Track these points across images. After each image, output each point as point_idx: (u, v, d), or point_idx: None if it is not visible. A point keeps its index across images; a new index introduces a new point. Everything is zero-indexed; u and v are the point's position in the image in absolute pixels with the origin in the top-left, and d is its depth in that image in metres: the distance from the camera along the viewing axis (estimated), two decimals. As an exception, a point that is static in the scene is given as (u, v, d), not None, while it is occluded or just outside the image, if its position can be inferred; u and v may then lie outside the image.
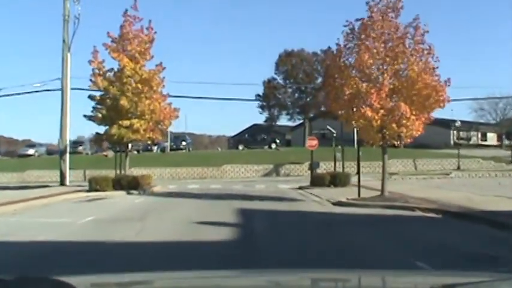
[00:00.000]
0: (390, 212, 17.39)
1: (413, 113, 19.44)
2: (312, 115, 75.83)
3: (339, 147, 38.58)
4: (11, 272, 1.94)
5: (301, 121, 77.08)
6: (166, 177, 47.16)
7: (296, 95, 76.70)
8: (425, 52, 19.82)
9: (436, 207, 17.76)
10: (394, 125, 19.57)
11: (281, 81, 76.36)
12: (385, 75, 19.62)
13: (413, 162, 49.31)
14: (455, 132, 76.12)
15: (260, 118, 78.75)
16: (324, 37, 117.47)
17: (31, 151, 57.98)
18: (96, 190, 26.17)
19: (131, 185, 27.32)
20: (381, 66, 20.04)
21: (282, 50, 77.29)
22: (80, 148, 55.84)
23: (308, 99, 75.34)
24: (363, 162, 47.16)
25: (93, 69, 29.42)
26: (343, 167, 35.14)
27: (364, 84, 19.74)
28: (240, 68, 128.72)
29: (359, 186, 21.39)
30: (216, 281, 3.30)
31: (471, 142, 75.46)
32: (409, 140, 20.79)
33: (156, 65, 30.07)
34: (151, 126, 29.14)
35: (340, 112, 21.02)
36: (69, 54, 35.45)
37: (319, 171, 49.64)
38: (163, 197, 24.44)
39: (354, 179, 31.26)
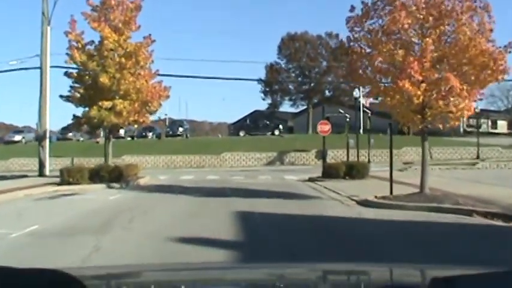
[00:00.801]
0: (442, 218, 12.58)
1: (464, 87, 14.61)
2: (315, 101, 71.01)
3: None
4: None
5: (304, 107, 72.27)
6: (161, 165, 42.50)
7: (299, 79, 71.77)
8: (480, 9, 14.95)
9: (499, 211, 13.02)
10: (440, 103, 14.75)
11: (284, 66, 71.45)
12: (428, 39, 14.73)
13: (429, 150, 44.31)
14: (465, 119, 71.45)
15: (261, 104, 74.07)
16: (329, 19, 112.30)
17: (18, 137, 52.77)
18: (69, 183, 21.35)
19: (113, 176, 22.54)
20: (420, 31, 15.17)
21: (284, 33, 72.16)
22: (70, 134, 50.88)
23: (312, 84, 70.43)
24: (374, 151, 42.78)
25: (69, 41, 24.57)
26: (357, 156, 30.28)
27: (400, 51, 14.91)
28: (241, 50, 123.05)
29: (391, 180, 16.56)
30: (217, 273, 3.27)
31: (481, 130, 71.27)
32: (457, 123, 16.03)
33: (144, 37, 25.23)
34: (137, 107, 24.31)
35: (368, 87, 16.24)
36: (49, 28, 30.47)
37: (327, 160, 44.92)
38: (148, 192, 19.65)
39: (372, 169, 26.59)
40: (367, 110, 48.87)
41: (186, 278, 2.98)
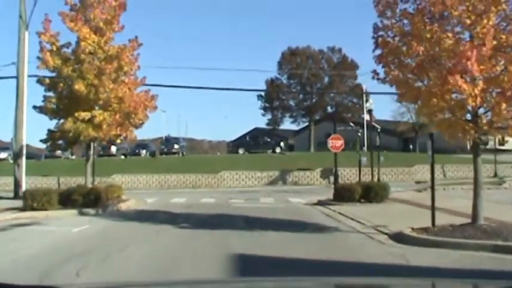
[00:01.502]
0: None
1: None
2: (317, 118, 67.23)
3: (362, 150, 29.93)
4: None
5: (305, 124, 68.44)
6: (154, 185, 38.52)
7: (301, 96, 67.97)
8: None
9: None
10: (503, 106, 10.85)
11: (285, 81, 67.78)
12: (485, 21, 10.90)
13: (442, 168, 40.46)
14: (471, 136, 67.65)
15: (261, 123, 70.26)
16: (332, 33, 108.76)
17: (3, 155, 48.50)
18: (33, 209, 17.34)
19: (88, 200, 18.57)
20: (472, 13, 11.34)
21: (285, 47, 68.67)
22: (59, 152, 46.77)
23: (314, 101, 66.71)
24: (383, 169, 38.81)
25: (40, 43, 20.78)
26: (372, 175, 26.34)
27: (449, 34, 11.09)
28: (241, 65, 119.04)
29: (433, 207, 12.51)
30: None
31: (488, 146, 67.46)
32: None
33: (130, 40, 21.47)
34: (119, 119, 20.43)
35: (401, 90, 12.37)
36: (26, 33, 26.64)
37: (332, 180, 40.98)
38: (125, 221, 15.64)
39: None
40: (376, 125, 45.11)
41: None
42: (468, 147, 66.29)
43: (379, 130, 40.67)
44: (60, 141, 21.76)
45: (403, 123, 62.06)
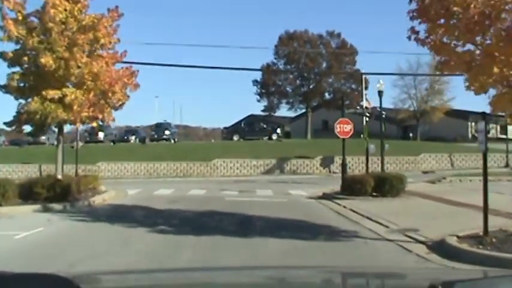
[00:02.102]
0: None
1: None
2: (315, 104, 64.10)
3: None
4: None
5: (302, 111, 65.30)
6: (142, 173, 35.43)
7: (298, 81, 64.67)
8: None
9: None
10: None
11: (281, 66, 64.37)
12: None
13: (450, 157, 37.51)
14: (473, 124, 64.83)
15: (257, 109, 67.02)
16: (330, 17, 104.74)
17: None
18: (-15, 204, 14.16)
19: (54, 194, 15.44)
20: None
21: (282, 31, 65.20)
22: (43, 138, 43.50)
23: (311, 87, 63.45)
24: (387, 158, 35.79)
25: (1, 9, 17.51)
26: (382, 165, 23.27)
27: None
28: (236, 50, 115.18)
29: (486, 209, 9.40)
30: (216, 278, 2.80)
31: (489, 135, 64.64)
32: None
33: (109, 9, 18.27)
34: (93, 98, 17.25)
35: (445, 55, 9.24)
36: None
37: (334, 168, 37.89)
38: (93, 222, 12.49)
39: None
40: (379, 111, 42.00)
41: (186, 282, 2.72)
42: (470, 136, 63.34)
43: (384, 115, 37.61)
44: (27, 125, 18.54)
45: (403, 111, 58.95)
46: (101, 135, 43.82)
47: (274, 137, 46.01)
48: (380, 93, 22.15)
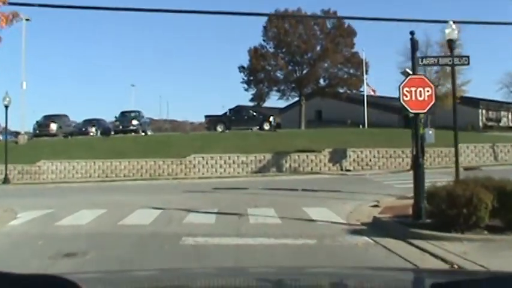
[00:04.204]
0: None
1: None
2: (309, 91, 54.71)
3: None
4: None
5: (294, 100, 55.95)
6: (97, 174, 25.91)
7: (289, 67, 54.97)
8: None
9: None
10: None
11: (271, 50, 54.72)
12: None
13: (493, 149, 28.15)
14: (484, 112, 56.01)
15: (245, 99, 57.46)
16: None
17: None
18: None
19: None
20: None
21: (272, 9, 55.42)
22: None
23: (304, 72, 53.92)
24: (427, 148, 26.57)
25: None
26: (456, 165, 13.73)
27: None
28: (220, 33, 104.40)
29: None
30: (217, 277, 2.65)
31: (501, 124, 56.27)
32: None
33: None
34: None
35: None
36: None
37: (346, 165, 28.52)
38: None
39: None
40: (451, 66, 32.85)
41: (186, 282, 2.61)
42: (481, 124, 53.85)
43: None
44: None
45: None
46: (53, 127, 33.95)
47: (267, 127, 36.33)
48: (450, 42, 12.67)
